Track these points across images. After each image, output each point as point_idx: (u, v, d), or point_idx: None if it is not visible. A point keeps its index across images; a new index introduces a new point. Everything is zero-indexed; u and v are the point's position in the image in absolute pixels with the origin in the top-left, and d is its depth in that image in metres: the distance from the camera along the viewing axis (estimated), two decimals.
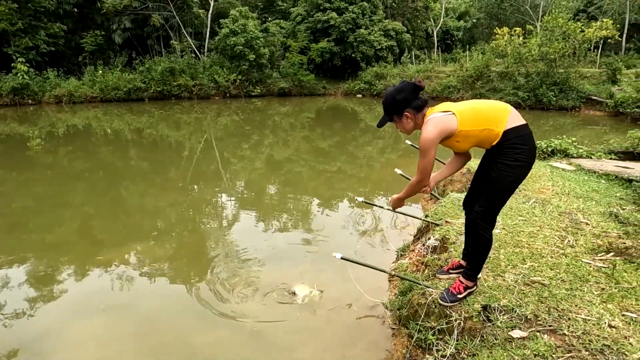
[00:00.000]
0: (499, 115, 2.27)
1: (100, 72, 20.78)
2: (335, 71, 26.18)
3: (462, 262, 2.79)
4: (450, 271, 2.83)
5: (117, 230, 5.40)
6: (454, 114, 2.27)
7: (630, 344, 2.14)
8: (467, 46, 26.72)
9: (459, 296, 2.50)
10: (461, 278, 2.54)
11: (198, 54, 23.96)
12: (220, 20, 22.79)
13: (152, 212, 6.05)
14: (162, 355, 3.01)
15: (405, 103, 2.33)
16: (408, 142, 4.38)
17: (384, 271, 2.96)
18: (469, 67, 19.46)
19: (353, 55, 24.41)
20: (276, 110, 19.22)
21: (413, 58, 25.01)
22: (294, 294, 3.59)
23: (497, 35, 19.66)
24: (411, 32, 27.42)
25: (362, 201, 3.52)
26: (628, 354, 2.07)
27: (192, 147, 11.28)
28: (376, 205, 3.84)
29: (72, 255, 4.66)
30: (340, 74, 26.00)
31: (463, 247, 2.85)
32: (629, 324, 2.29)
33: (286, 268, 4.18)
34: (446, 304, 2.50)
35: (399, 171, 4.12)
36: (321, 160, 9.86)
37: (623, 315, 2.36)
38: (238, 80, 22.25)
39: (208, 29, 24.20)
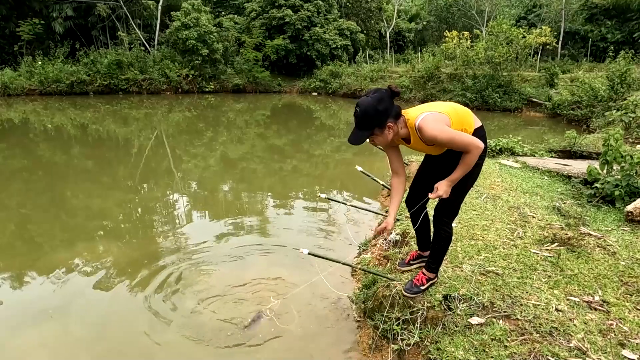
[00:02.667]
0: (469, 116, 2.39)
1: (40, 63, 19.42)
2: (291, 69, 26.13)
3: (421, 252, 2.91)
4: (412, 262, 2.93)
5: (59, 233, 5.04)
6: (442, 112, 2.25)
7: (574, 325, 2.33)
8: (419, 47, 27.60)
9: (422, 287, 2.61)
10: (424, 270, 2.65)
11: (148, 47, 23.01)
12: (172, 13, 22.03)
13: (98, 213, 5.71)
14: (121, 356, 2.90)
15: (387, 113, 2.20)
16: (359, 168, 4.25)
17: (351, 265, 3.02)
18: (421, 68, 20.09)
19: (308, 53, 24.46)
20: (230, 107, 18.89)
21: (367, 58, 25.46)
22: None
23: (446, 38, 20.45)
24: (365, 32, 27.89)
25: (324, 197, 3.56)
26: (573, 334, 2.26)
27: (142, 144, 10.84)
28: (338, 202, 3.89)
29: (9, 261, 4.31)
30: (295, 72, 25.97)
31: (416, 238, 2.93)
32: (573, 307, 2.50)
33: (243, 267, 4.13)
34: (410, 295, 2.59)
35: (359, 168, 4.21)
36: (277, 158, 9.82)
37: (568, 299, 2.57)
38: (190, 76, 21.61)
39: (158, 21, 23.30)
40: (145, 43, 22.99)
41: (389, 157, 2.52)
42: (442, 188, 2.30)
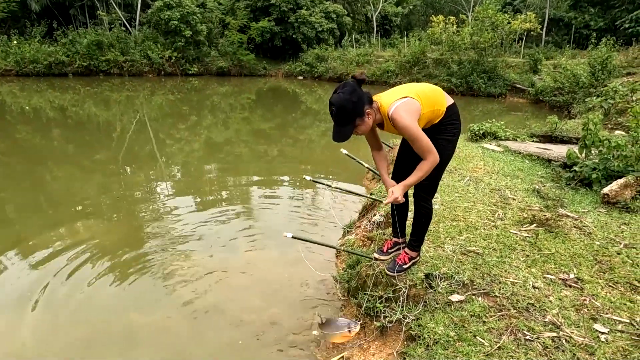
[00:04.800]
0: (439, 95, 2.39)
1: (15, 42, 18.77)
2: (276, 52, 25.78)
3: (396, 239, 2.89)
4: (389, 251, 2.89)
5: (39, 218, 4.94)
6: (413, 98, 2.26)
7: (550, 301, 2.42)
8: (405, 32, 27.47)
9: (405, 266, 2.66)
10: (406, 250, 2.69)
11: (129, 27, 22.40)
12: None
13: (79, 198, 5.60)
14: (101, 340, 2.90)
15: (362, 101, 2.21)
16: (344, 151, 4.23)
17: (334, 247, 3.06)
18: (407, 53, 20.05)
19: (294, 36, 24.14)
20: (215, 90, 18.62)
21: (353, 42, 25.26)
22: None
23: (433, 23, 20.41)
24: (351, 15, 27.61)
25: (310, 179, 3.57)
26: (548, 309, 2.35)
27: (124, 128, 10.64)
28: (323, 184, 3.91)
29: None
30: (281, 55, 25.64)
31: (392, 226, 2.89)
32: (549, 284, 2.59)
33: (230, 251, 4.14)
34: (393, 274, 2.64)
35: (344, 152, 4.22)
36: (262, 142, 9.77)
37: (544, 277, 2.65)
38: (173, 58, 21.16)
39: (139, 1, 22.64)
40: (126, 23, 22.37)
41: (368, 139, 2.58)
42: (397, 192, 2.34)
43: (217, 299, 3.30)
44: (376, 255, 2.88)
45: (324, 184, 3.89)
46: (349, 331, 2.58)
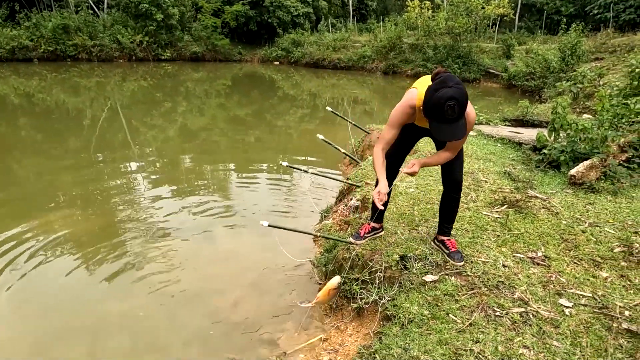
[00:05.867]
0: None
1: None
2: (252, 36, 25.36)
3: (375, 224, 2.88)
4: (366, 235, 2.89)
5: (8, 209, 4.79)
6: None
7: (519, 279, 2.52)
8: (381, 17, 27.40)
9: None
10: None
11: (96, 10, 21.58)
12: None
13: (50, 188, 5.44)
14: (73, 330, 2.87)
15: None
16: (320, 136, 4.19)
17: (309, 233, 3.09)
18: (383, 38, 20.05)
19: (269, 20, 23.78)
20: (189, 75, 18.23)
21: (330, 26, 25.05)
22: None
23: (408, 8, 20.41)
24: None
25: (286, 165, 3.58)
26: (517, 287, 2.45)
27: (95, 115, 10.33)
28: (300, 169, 3.92)
29: None
30: (256, 40, 25.25)
31: (374, 212, 2.81)
32: (518, 263, 2.69)
33: (206, 239, 4.13)
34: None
35: (320, 137, 4.23)
36: (239, 129, 9.67)
37: (514, 256, 2.76)
38: (145, 42, 20.56)
39: None
40: (94, 6, 21.54)
41: (396, 132, 2.43)
42: (417, 167, 2.40)
43: (192, 287, 3.30)
44: (352, 239, 2.89)
45: (301, 169, 3.90)
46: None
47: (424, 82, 2.30)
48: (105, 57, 19.86)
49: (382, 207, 2.42)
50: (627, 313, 2.25)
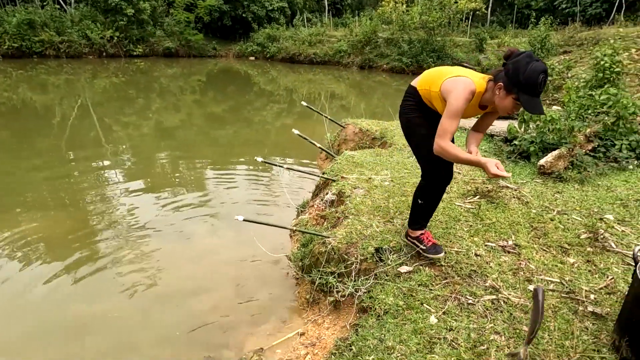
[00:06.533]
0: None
1: None
2: (226, 31, 24.99)
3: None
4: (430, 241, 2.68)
5: None
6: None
7: (490, 267, 2.59)
8: (356, 11, 27.44)
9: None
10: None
11: (63, 5, 20.84)
12: None
13: (21, 189, 5.25)
14: (45, 333, 2.80)
15: None
16: (296, 131, 4.17)
17: (285, 227, 3.08)
18: (358, 33, 20.10)
19: (244, 15, 23.49)
20: (162, 72, 17.86)
21: (305, 21, 24.94)
22: None
23: (383, 2, 20.50)
24: None
25: (261, 161, 3.56)
26: (488, 275, 2.51)
27: (65, 113, 10.01)
28: (275, 165, 3.91)
29: None
30: (231, 35, 24.90)
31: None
32: (490, 252, 2.75)
33: (183, 237, 4.08)
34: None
35: (296, 132, 4.22)
36: (215, 125, 9.55)
37: (485, 245, 2.82)
38: (115, 38, 20.00)
39: None
40: (61, 1, 20.79)
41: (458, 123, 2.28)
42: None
43: (168, 286, 3.26)
44: (430, 255, 2.59)
45: (276, 164, 3.89)
46: None
47: (463, 71, 2.26)
48: (74, 53, 19.22)
49: (508, 174, 2.20)
50: (592, 297, 2.34)
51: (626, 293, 1.96)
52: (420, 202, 2.59)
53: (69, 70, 16.67)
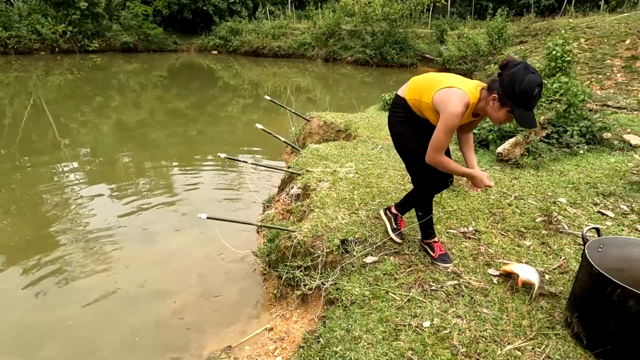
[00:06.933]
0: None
1: None
2: (187, 25, 24.35)
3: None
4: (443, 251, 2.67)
5: None
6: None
7: (452, 253, 2.67)
8: (319, 3, 27.33)
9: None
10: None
11: None
12: None
13: None
14: (1, 343, 2.68)
15: None
16: (259, 126, 4.15)
17: (249, 223, 3.06)
18: (322, 25, 20.06)
19: (204, 7, 22.94)
20: (121, 67, 17.23)
21: (268, 14, 24.64)
22: None
23: None
24: None
25: (225, 157, 3.51)
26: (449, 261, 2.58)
27: (16, 113, 9.49)
28: (240, 160, 3.86)
29: None
30: (192, 29, 24.29)
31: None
32: (452, 238, 2.84)
33: (147, 238, 3.97)
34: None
35: (259, 126, 4.19)
36: (179, 122, 9.32)
37: (447, 232, 2.91)
38: (69, 33, 19.09)
39: None
40: None
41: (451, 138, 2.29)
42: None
43: (131, 289, 3.17)
44: (443, 265, 2.57)
45: (240, 160, 3.84)
46: None
47: (455, 79, 2.22)
48: (24, 49, 18.21)
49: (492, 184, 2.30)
50: (547, 277, 2.45)
51: (577, 272, 2.07)
52: (420, 214, 2.60)
53: (19, 67, 15.81)
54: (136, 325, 2.79)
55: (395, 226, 2.77)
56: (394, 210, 2.82)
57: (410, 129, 2.43)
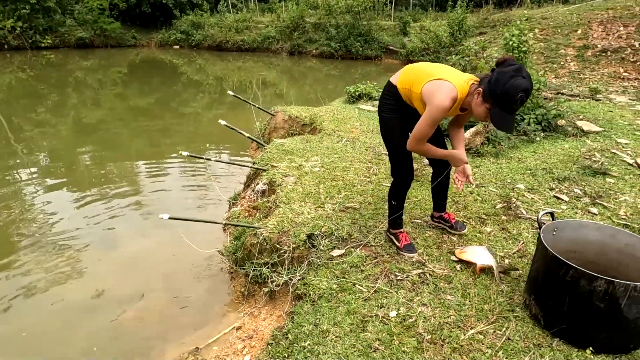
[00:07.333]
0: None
1: None
2: (146, 19, 23.51)
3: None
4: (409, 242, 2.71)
5: None
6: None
7: (417, 243, 2.72)
8: None
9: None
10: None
11: None
12: None
13: None
14: None
15: None
16: (222, 122, 4.06)
17: (212, 222, 3.01)
18: (286, 18, 19.84)
19: (164, 1, 22.21)
20: (77, 64, 16.49)
21: (230, 7, 24.15)
22: None
23: None
24: None
25: (187, 155, 3.42)
26: (415, 250, 2.63)
27: None
28: (202, 158, 3.78)
29: None
30: (152, 23, 23.47)
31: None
32: (416, 228, 2.89)
33: (110, 241, 3.84)
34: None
35: (222, 122, 4.11)
36: (142, 119, 9.04)
37: (412, 222, 2.95)
38: (18, 28, 18.04)
39: None
40: None
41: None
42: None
43: (91, 296, 3.06)
44: (408, 255, 2.60)
45: (203, 158, 3.76)
46: None
47: (447, 71, 2.21)
48: None
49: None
50: (507, 261, 2.54)
51: (533, 255, 2.15)
52: (393, 202, 2.63)
53: None
54: (96, 334, 2.69)
55: (449, 223, 2.82)
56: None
57: (398, 117, 2.46)
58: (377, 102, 6.41)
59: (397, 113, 2.44)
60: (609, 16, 10.48)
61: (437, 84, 2.15)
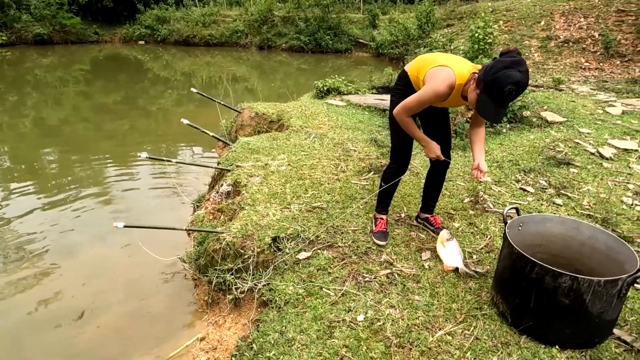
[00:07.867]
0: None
1: None
2: (109, 14, 22.64)
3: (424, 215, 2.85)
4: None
5: None
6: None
7: None
8: None
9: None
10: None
11: None
12: None
13: None
14: None
15: None
16: (185, 121, 3.91)
17: (172, 228, 2.87)
18: (254, 12, 19.50)
19: None
20: (35, 62, 15.74)
21: (196, 0, 23.55)
22: None
23: None
24: None
25: (146, 157, 3.25)
26: (383, 250, 2.58)
27: None
28: (163, 160, 3.62)
29: None
30: (115, 18, 22.63)
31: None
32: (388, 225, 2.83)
33: (70, 250, 3.64)
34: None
35: (185, 121, 3.95)
36: (107, 118, 8.68)
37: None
38: None
39: None
40: None
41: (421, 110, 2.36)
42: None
43: (46, 310, 2.89)
44: (378, 242, 2.63)
45: (164, 160, 3.60)
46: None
47: (453, 59, 2.23)
48: None
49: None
50: (474, 257, 2.52)
51: (499, 252, 2.13)
52: (383, 185, 2.65)
53: None
54: (50, 352, 2.52)
55: (432, 227, 2.78)
56: (423, 216, 2.83)
57: None
58: (345, 97, 6.37)
59: (403, 97, 2.41)
60: (570, 7, 10.74)
61: (439, 69, 2.19)
